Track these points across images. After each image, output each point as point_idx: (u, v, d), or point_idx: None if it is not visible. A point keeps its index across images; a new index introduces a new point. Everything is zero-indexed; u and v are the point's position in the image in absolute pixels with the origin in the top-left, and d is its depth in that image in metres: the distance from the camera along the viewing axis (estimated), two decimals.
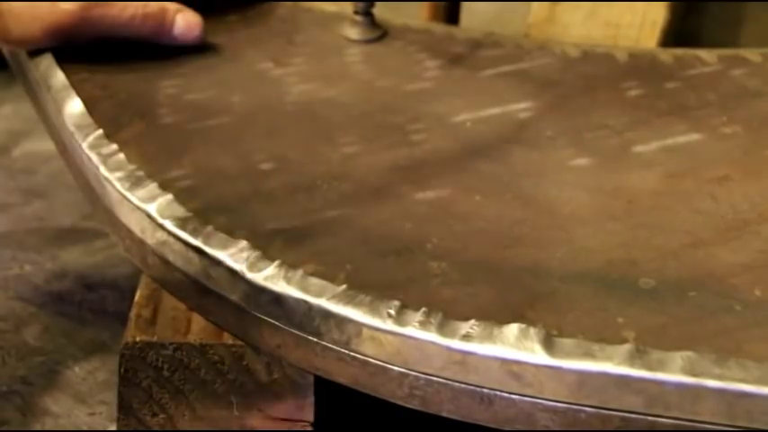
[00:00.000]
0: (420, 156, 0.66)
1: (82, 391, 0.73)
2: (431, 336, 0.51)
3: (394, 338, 0.52)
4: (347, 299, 0.53)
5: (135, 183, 0.61)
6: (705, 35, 1.10)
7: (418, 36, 0.82)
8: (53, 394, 0.73)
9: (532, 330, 0.50)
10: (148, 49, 0.77)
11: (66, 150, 0.70)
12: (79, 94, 0.70)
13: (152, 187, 0.61)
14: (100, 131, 0.66)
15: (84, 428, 0.71)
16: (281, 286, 0.54)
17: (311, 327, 0.54)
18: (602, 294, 0.54)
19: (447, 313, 0.52)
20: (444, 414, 0.52)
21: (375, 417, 0.61)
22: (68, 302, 0.83)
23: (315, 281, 0.54)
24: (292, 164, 0.65)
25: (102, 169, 0.63)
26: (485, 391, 0.51)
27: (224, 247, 0.56)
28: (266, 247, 0.57)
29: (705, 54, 0.78)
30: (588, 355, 0.49)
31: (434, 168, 0.65)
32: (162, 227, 0.59)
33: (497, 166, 0.65)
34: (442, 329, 0.51)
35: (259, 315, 0.55)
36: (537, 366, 0.49)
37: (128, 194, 0.61)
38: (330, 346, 0.54)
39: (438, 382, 0.51)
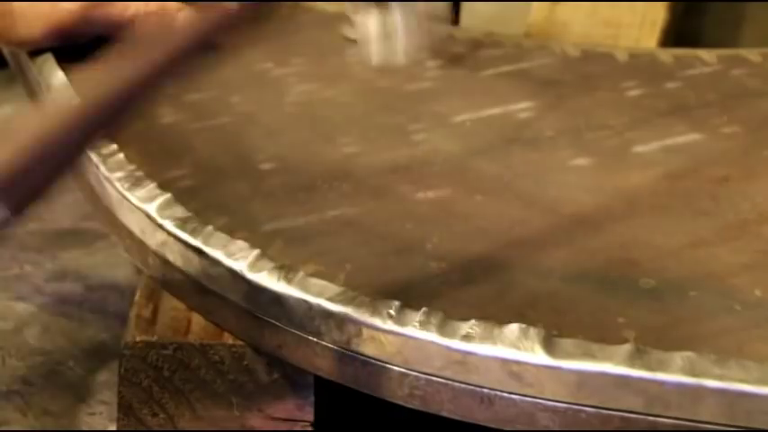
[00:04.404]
0: (420, 156, 0.66)
1: (82, 391, 0.73)
2: (431, 336, 0.51)
3: (394, 338, 0.52)
4: (347, 299, 0.53)
5: (135, 183, 0.61)
6: (705, 35, 1.10)
7: None
8: (53, 394, 0.73)
9: (532, 330, 0.50)
10: None
11: None
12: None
13: (152, 187, 0.61)
14: None
15: (84, 428, 0.71)
16: (281, 286, 0.54)
17: (311, 327, 0.54)
18: (603, 294, 0.54)
19: (447, 313, 0.52)
20: (444, 414, 0.52)
21: (375, 417, 0.61)
22: (68, 302, 0.83)
23: (315, 281, 0.54)
24: (292, 164, 0.65)
25: (103, 169, 0.63)
26: (485, 391, 0.51)
27: (224, 247, 0.56)
28: (266, 247, 0.56)
29: (705, 54, 0.78)
30: (588, 355, 0.49)
31: (434, 168, 0.65)
32: (162, 227, 0.59)
33: (497, 166, 0.65)
34: (442, 329, 0.51)
35: (259, 315, 0.55)
36: (537, 366, 0.49)
37: (128, 194, 0.61)
38: (330, 346, 0.54)
39: (438, 382, 0.51)
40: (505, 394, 0.50)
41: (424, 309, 0.52)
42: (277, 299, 0.54)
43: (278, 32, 0.83)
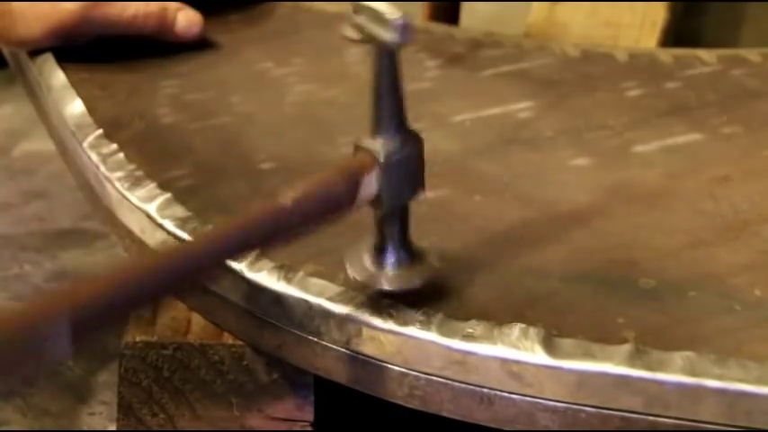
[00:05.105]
0: None
1: (82, 392, 0.73)
2: (431, 336, 0.51)
3: (394, 338, 0.52)
4: (347, 299, 0.53)
5: (135, 183, 0.62)
6: (705, 35, 1.10)
7: (418, 36, 0.82)
8: (53, 394, 0.73)
9: (532, 330, 0.50)
10: (148, 48, 0.77)
11: (66, 150, 0.70)
12: (79, 94, 0.70)
13: (152, 187, 0.61)
14: (100, 131, 0.66)
15: (85, 428, 0.71)
16: (281, 286, 0.54)
17: (311, 327, 0.54)
18: (602, 294, 0.54)
19: (447, 313, 0.52)
20: (444, 414, 0.52)
21: (375, 417, 0.61)
22: None
23: (315, 281, 0.54)
24: (292, 164, 0.65)
25: (103, 169, 0.63)
26: (485, 391, 0.51)
27: None
28: None
29: (705, 54, 0.78)
30: (588, 355, 0.49)
31: (434, 168, 0.65)
32: (162, 227, 0.59)
33: (497, 166, 0.65)
34: (442, 329, 0.51)
35: (259, 315, 0.55)
36: (537, 366, 0.49)
37: (128, 194, 0.61)
38: (330, 346, 0.54)
39: (438, 382, 0.51)
40: (505, 394, 0.50)
41: (424, 309, 0.52)
42: (277, 299, 0.54)
43: (278, 32, 0.83)
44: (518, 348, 0.50)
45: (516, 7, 1.09)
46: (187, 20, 0.78)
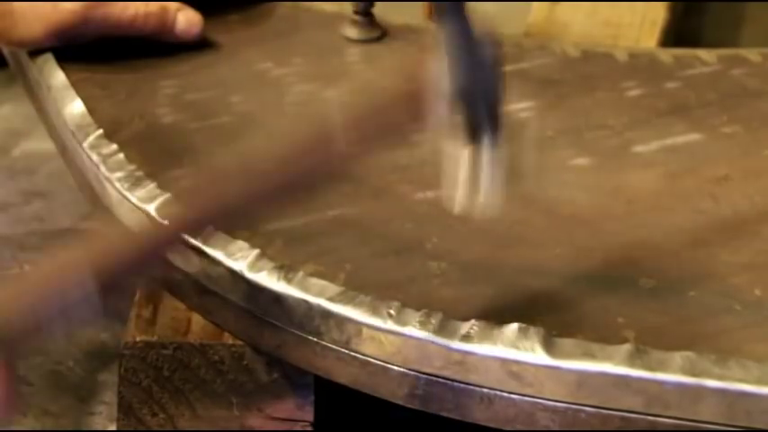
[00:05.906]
0: (420, 156, 0.66)
1: (82, 392, 0.73)
2: (431, 336, 0.51)
3: (394, 338, 0.52)
4: (347, 299, 0.53)
5: (135, 183, 0.61)
6: (705, 35, 1.10)
7: (418, 36, 0.81)
8: (53, 394, 0.73)
9: (532, 330, 0.50)
10: (148, 48, 0.77)
11: (66, 150, 0.70)
12: (79, 94, 0.70)
13: (152, 187, 0.61)
14: (100, 131, 0.66)
15: (84, 428, 0.71)
16: (281, 286, 0.54)
17: (311, 327, 0.54)
18: (602, 294, 0.54)
19: (447, 313, 0.52)
20: (444, 414, 0.52)
21: (375, 417, 0.61)
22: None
23: (315, 281, 0.54)
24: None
25: (103, 169, 0.63)
26: (485, 391, 0.51)
27: (224, 247, 0.56)
28: (266, 247, 0.57)
29: (705, 54, 0.78)
30: (588, 355, 0.49)
31: (434, 168, 0.65)
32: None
33: None
34: (442, 329, 0.51)
35: (259, 315, 0.55)
36: (537, 366, 0.49)
37: (128, 194, 0.61)
38: (330, 346, 0.54)
39: (438, 382, 0.51)
40: (505, 394, 0.50)
41: (423, 309, 0.52)
42: (277, 299, 0.54)
43: (278, 32, 0.83)
44: (518, 348, 0.50)
45: (516, 7, 1.09)
46: (187, 20, 0.77)
